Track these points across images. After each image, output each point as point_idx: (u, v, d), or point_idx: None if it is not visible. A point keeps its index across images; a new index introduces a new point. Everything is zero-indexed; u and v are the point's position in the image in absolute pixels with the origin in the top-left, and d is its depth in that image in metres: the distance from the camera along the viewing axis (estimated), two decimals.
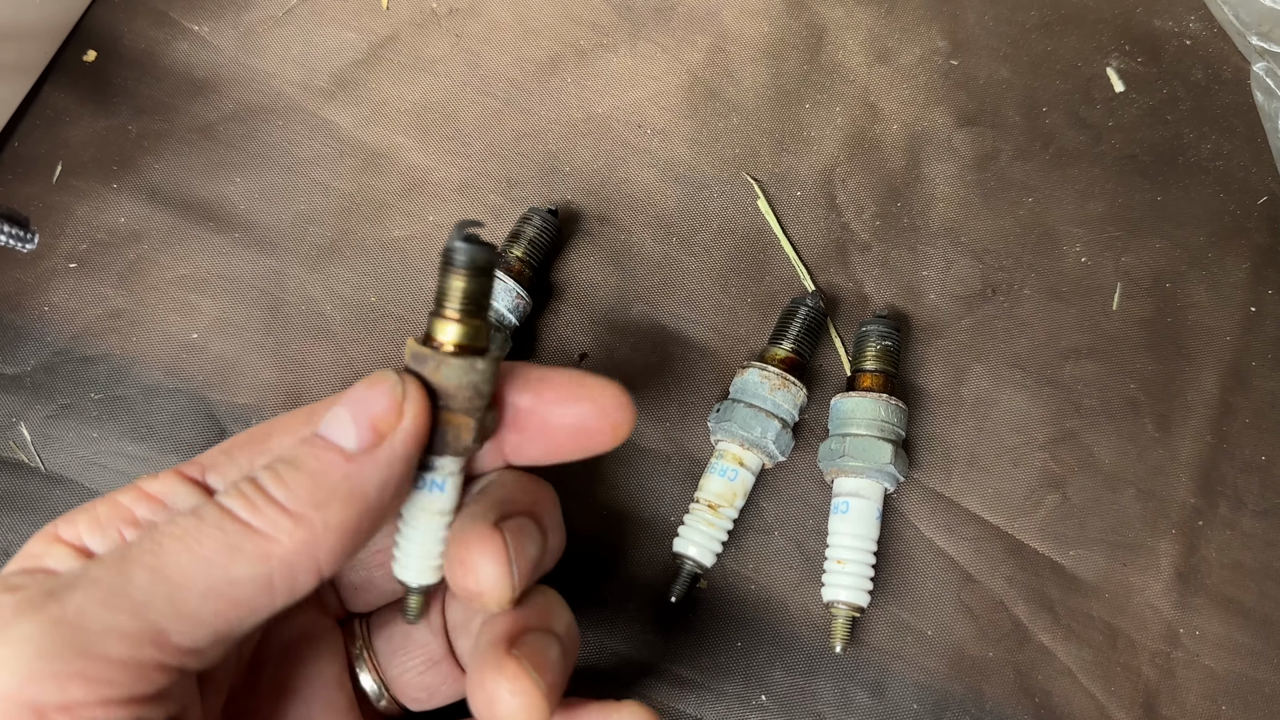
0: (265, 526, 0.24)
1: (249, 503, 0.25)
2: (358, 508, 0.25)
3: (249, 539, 0.24)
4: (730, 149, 0.47)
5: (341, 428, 0.26)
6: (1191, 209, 0.46)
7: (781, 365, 0.41)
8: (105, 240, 0.44)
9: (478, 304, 0.27)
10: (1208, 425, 0.43)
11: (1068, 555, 0.41)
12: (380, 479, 0.26)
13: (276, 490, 0.25)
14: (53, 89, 0.47)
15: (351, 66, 0.48)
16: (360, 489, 0.25)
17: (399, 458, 0.26)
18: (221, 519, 0.24)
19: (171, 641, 0.23)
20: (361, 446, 0.26)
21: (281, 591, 0.25)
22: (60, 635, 0.22)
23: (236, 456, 0.28)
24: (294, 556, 0.24)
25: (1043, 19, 0.49)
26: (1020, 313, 0.44)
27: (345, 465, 0.25)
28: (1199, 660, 0.40)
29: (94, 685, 0.22)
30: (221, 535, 0.24)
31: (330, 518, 0.25)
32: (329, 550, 0.25)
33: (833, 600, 0.39)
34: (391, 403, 0.26)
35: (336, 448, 0.26)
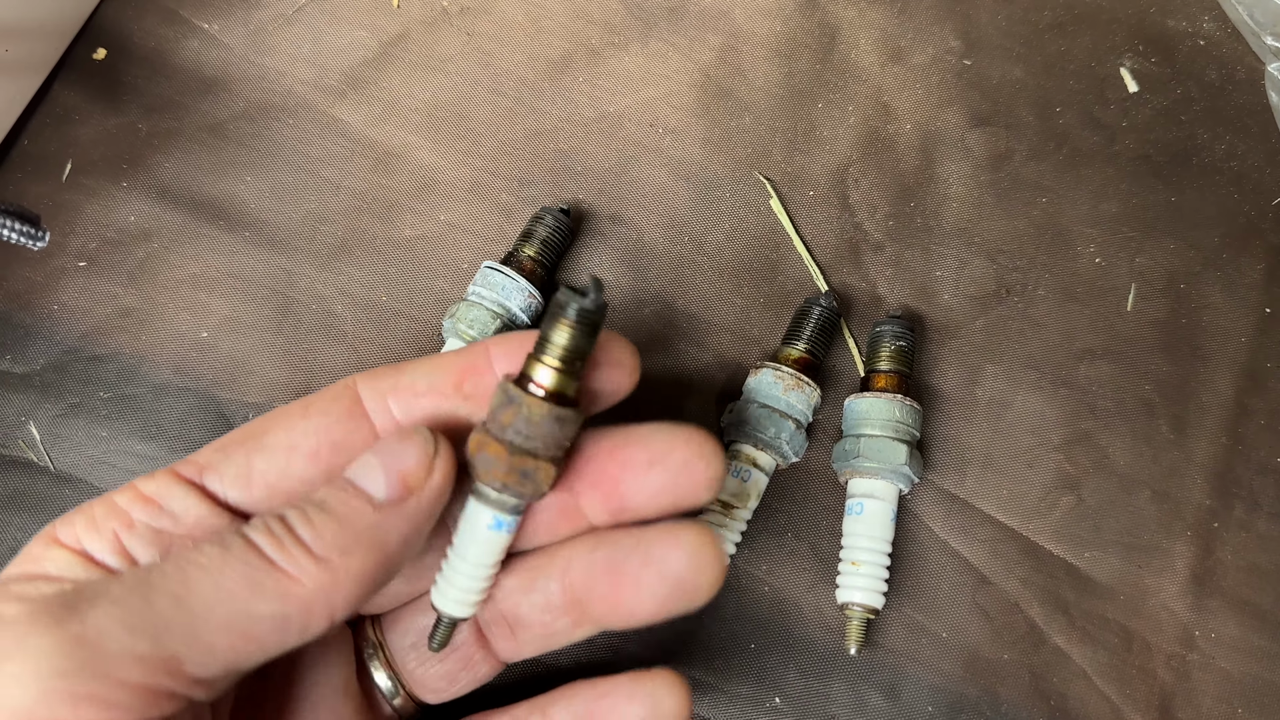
0: (289, 566, 0.25)
1: (276, 541, 0.25)
2: (378, 557, 0.26)
3: (272, 577, 0.24)
4: (743, 148, 0.47)
5: (372, 476, 0.26)
6: (1206, 210, 0.46)
7: (795, 365, 0.41)
8: (115, 239, 0.44)
9: (578, 358, 0.27)
10: (1223, 427, 0.43)
11: (1083, 557, 0.41)
12: (403, 532, 0.26)
13: (304, 531, 0.25)
14: (62, 87, 0.47)
15: (362, 65, 0.47)
16: (383, 539, 0.26)
17: (423, 513, 0.26)
18: (247, 554, 0.24)
19: (185, 670, 0.23)
20: (390, 498, 0.26)
21: (295, 631, 0.25)
22: (78, 654, 0.22)
23: (232, 454, 0.28)
24: (313, 598, 0.25)
25: (1056, 19, 0.49)
26: (1034, 313, 0.44)
27: (372, 515, 0.26)
28: (1215, 663, 0.40)
29: (106, 708, 0.22)
30: (246, 570, 0.24)
31: (353, 564, 0.25)
32: (346, 596, 0.25)
33: (847, 602, 0.39)
34: (423, 458, 0.26)
35: (365, 495, 0.26)
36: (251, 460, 0.28)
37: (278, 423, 0.29)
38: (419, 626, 0.34)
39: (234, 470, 0.28)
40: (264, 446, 0.28)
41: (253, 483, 0.28)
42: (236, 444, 0.28)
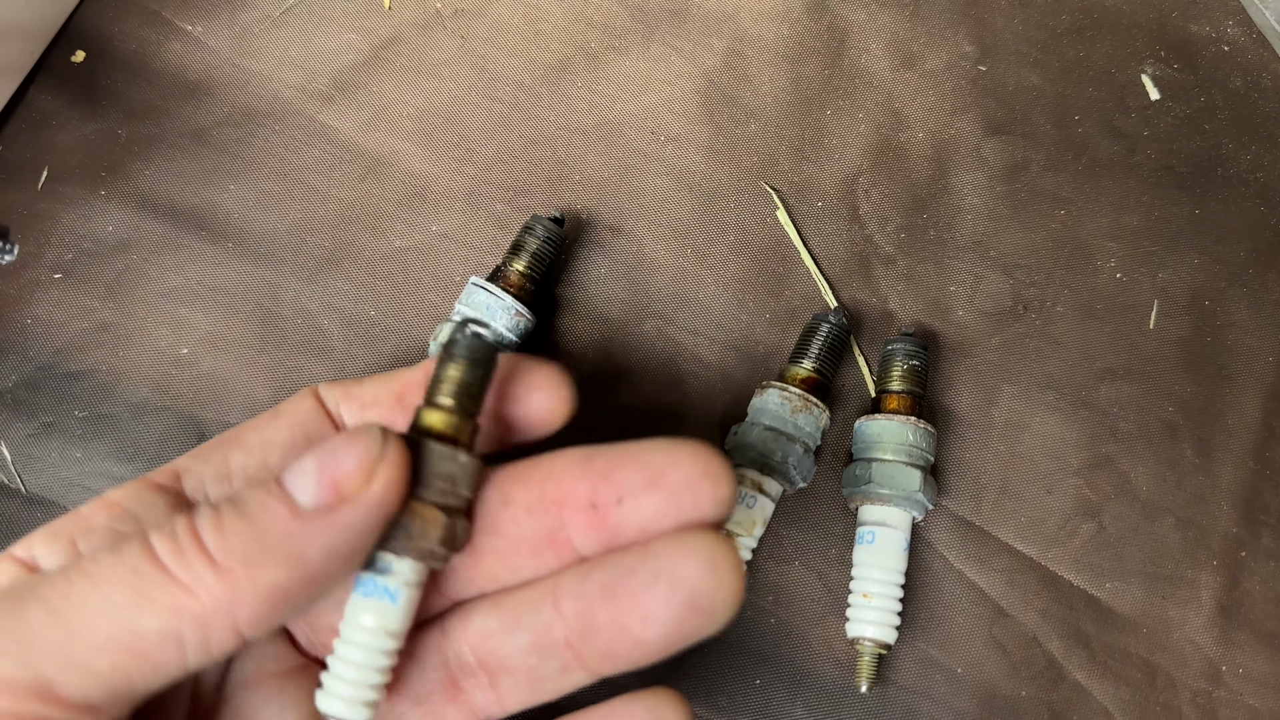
0: (184, 575, 0.22)
1: (174, 546, 0.22)
2: (293, 572, 0.22)
3: (162, 588, 0.22)
4: (748, 157, 0.45)
5: (302, 478, 0.23)
6: (1231, 223, 0.44)
7: (803, 386, 0.39)
8: (92, 250, 0.42)
9: (471, 398, 0.25)
10: (1250, 451, 0.41)
11: (1104, 588, 0.39)
12: (327, 545, 0.23)
13: (209, 534, 0.22)
14: (39, 91, 0.45)
15: (351, 69, 0.46)
16: (301, 552, 0.22)
17: (354, 526, 0.23)
18: (141, 560, 0.22)
19: (59, 694, 0.21)
20: (317, 505, 0.23)
21: (194, 650, 0.22)
22: None
23: (209, 458, 0.27)
24: (209, 614, 0.22)
25: (1074, 23, 0.47)
26: (1053, 331, 0.42)
27: (289, 522, 0.22)
28: (1242, 699, 0.38)
29: None
30: (134, 579, 0.22)
31: (259, 577, 0.22)
32: (251, 613, 0.22)
33: (858, 636, 0.37)
34: (362, 462, 0.23)
35: (288, 499, 0.23)
36: (229, 458, 0.27)
37: (250, 427, 0.28)
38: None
39: (212, 470, 0.27)
40: (240, 445, 0.27)
41: (233, 478, 0.27)
42: (214, 448, 0.28)
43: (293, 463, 0.24)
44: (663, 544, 0.25)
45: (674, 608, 0.24)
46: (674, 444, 0.25)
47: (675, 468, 0.25)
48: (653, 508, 0.25)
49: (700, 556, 0.24)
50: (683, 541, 0.24)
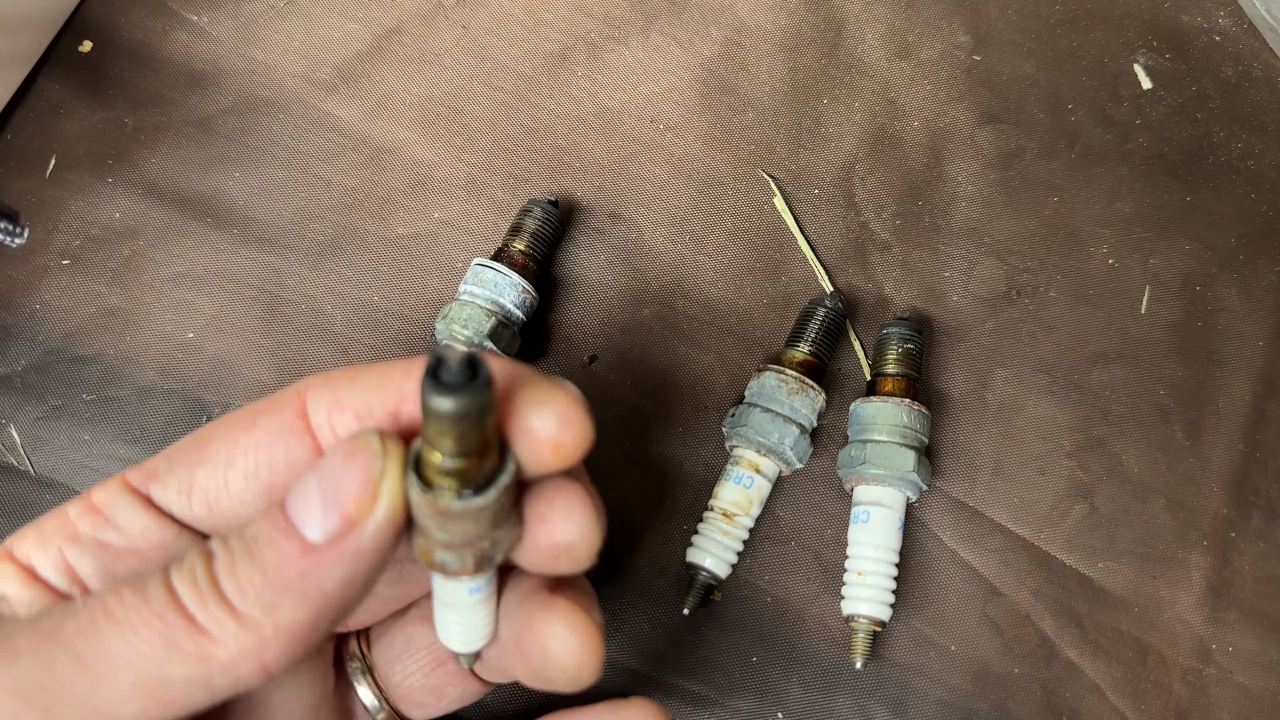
0: (209, 624, 0.22)
1: (197, 592, 0.22)
2: (314, 609, 0.22)
3: (190, 637, 0.22)
4: (745, 145, 0.45)
5: (307, 509, 0.23)
6: (1221, 210, 0.45)
7: (799, 368, 0.40)
8: (99, 236, 0.43)
9: (474, 446, 0.22)
10: (1240, 433, 0.42)
11: (1096, 567, 0.40)
12: (344, 575, 0.22)
13: (227, 582, 0.22)
14: (47, 80, 0.45)
15: (355, 58, 0.46)
16: (318, 588, 0.22)
17: (368, 551, 0.23)
18: (166, 607, 0.22)
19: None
20: (327, 537, 0.22)
21: (221, 691, 0.22)
22: None
23: (177, 464, 0.26)
24: (235, 660, 0.22)
25: (1068, 13, 0.48)
26: (1046, 316, 0.43)
27: (302, 560, 0.22)
28: (1232, 678, 0.39)
29: None
30: (161, 627, 0.22)
31: (281, 620, 0.22)
32: (277, 655, 0.22)
33: (853, 614, 0.37)
34: (365, 482, 0.22)
35: (297, 536, 0.22)
36: (194, 473, 0.26)
37: (221, 432, 0.26)
38: (405, 636, 0.32)
39: (176, 482, 0.26)
40: (205, 459, 0.26)
41: (193, 497, 0.26)
42: (183, 452, 0.26)
43: (296, 488, 0.23)
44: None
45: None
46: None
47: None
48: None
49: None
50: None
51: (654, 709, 0.29)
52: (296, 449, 0.26)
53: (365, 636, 0.33)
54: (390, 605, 0.32)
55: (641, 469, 0.41)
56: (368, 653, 0.33)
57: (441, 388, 0.20)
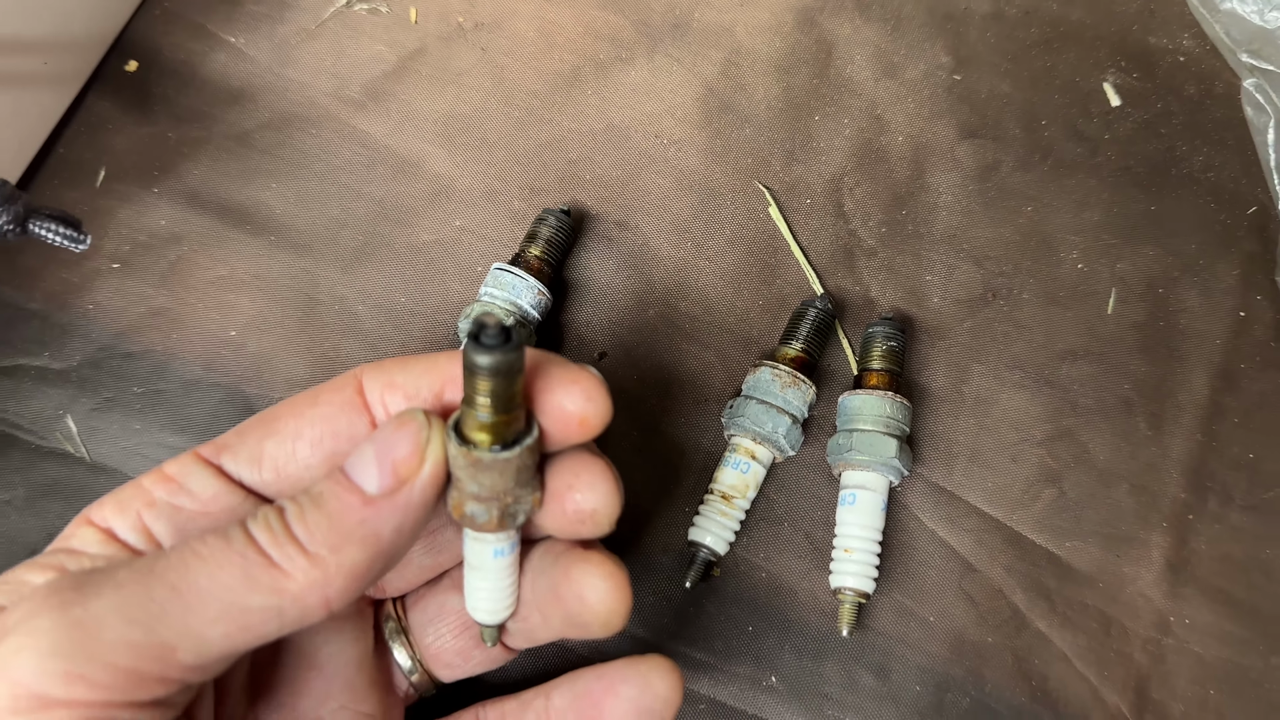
0: (282, 561, 0.25)
1: (273, 536, 0.26)
2: (371, 551, 0.26)
3: (266, 571, 0.25)
4: (743, 159, 0.49)
5: (365, 468, 0.27)
6: (1184, 218, 0.48)
7: (792, 364, 0.43)
8: (146, 242, 0.46)
9: (507, 402, 0.26)
10: (1198, 424, 0.45)
11: (1064, 547, 0.43)
12: (396, 523, 0.27)
13: (298, 527, 0.26)
14: (96, 97, 0.49)
15: (381, 78, 0.50)
16: (375, 533, 0.26)
17: (416, 504, 0.27)
18: (246, 547, 0.26)
19: (177, 658, 0.25)
20: (382, 490, 0.26)
21: (291, 621, 0.26)
22: (74, 637, 0.24)
23: (247, 437, 0.30)
24: (305, 593, 0.26)
25: (1042, 36, 0.52)
26: (1019, 316, 0.46)
27: (362, 509, 0.26)
28: (1189, 647, 0.42)
29: (97, 688, 0.24)
30: (242, 563, 0.25)
31: (344, 559, 0.26)
32: (339, 589, 0.26)
33: (840, 586, 0.41)
34: (414, 447, 0.27)
35: (357, 490, 0.26)
36: (263, 445, 0.30)
37: (289, 410, 0.30)
38: (438, 602, 0.36)
39: (247, 453, 0.30)
40: (274, 432, 0.30)
41: (263, 465, 0.30)
42: (252, 428, 0.30)
43: (354, 454, 0.27)
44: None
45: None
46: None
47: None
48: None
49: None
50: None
51: (667, 663, 0.32)
52: (355, 422, 0.30)
53: (401, 603, 0.36)
54: (425, 574, 0.36)
55: (647, 457, 0.44)
56: (403, 617, 0.36)
57: (481, 347, 0.24)
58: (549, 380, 0.28)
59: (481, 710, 0.36)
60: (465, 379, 0.26)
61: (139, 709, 0.25)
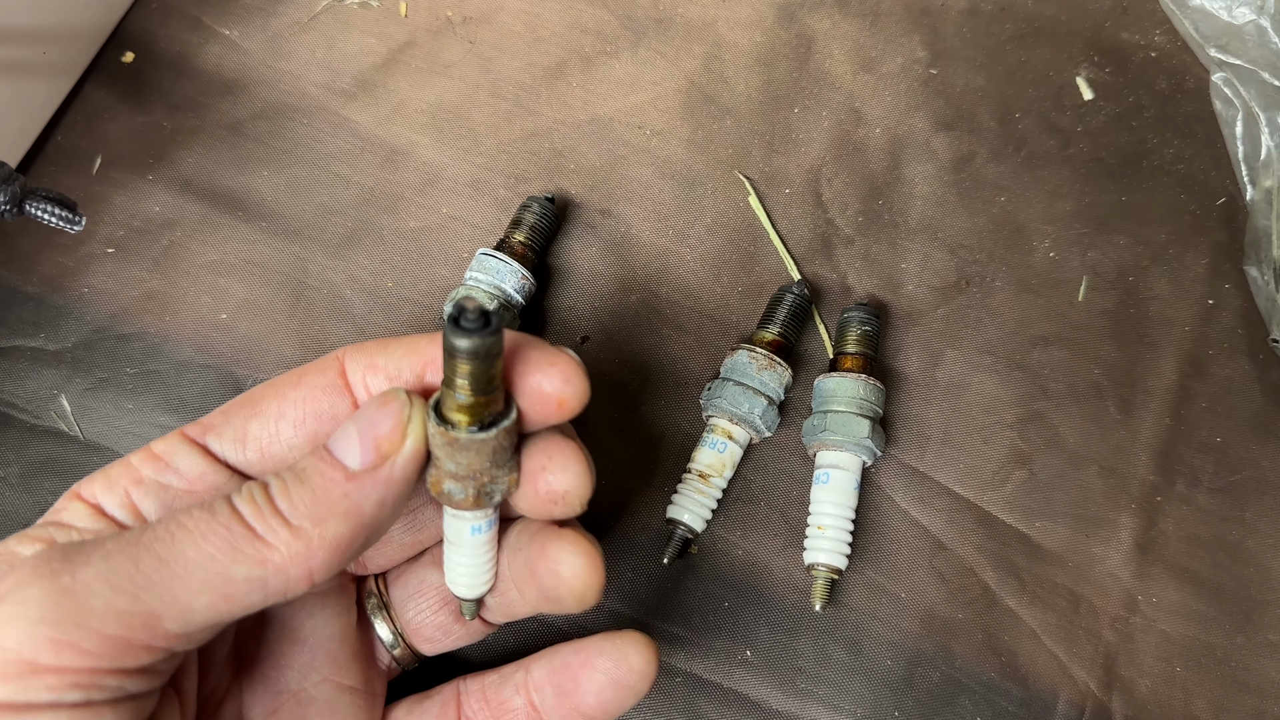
0: (266, 534, 0.26)
1: (257, 509, 0.27)
2: (353, 524, 0.27)
3: (250, 543, 0.26)
4: (724, 149, 0.50)
5: (348, 445, 0.27)
6: (1154, 208, 0.50)
7: (768, 347, 0.44)
8: (141, 227, 0.48)
9: (485, 384, 0.26)
10: (1167, 409, 0.46)
11: (1034, 526, 0.44)
12: (378, 498, 0.27)
13: (281, 501, 0.27)
14: (93, 87, 0.50)
15: (372, 70, 0.51)
16: (357, 507, 0.27)
17: (397, 479, 0.27)
18: (231, 520, 0.26)
19: (163, 626, 0.25)
20: (364, 465, 0.27)
21: (274, 593, 0.27)
22: (63, 605, 0.24)
23: (232, 418, 0.31)
24: (288, 565, 0.26)
25: (1017, 31, 0.53)
26: (992, 303, 0.48)
27: (345, 484, 0.27)
28: (1155, 625, 0.43)
29: (85, 655, 0.24)
30: (227, 535, 0.26)
31: (326, 532, 0.26)
32: (322, 562, 0.27)
33: (813, 562, 0.42)
34: (396, 424, 0.27)
35: (340, 465, 0.27)
36: (247, 425, 0.30)
37: (272, 391, 0.31)
38: (418, 578, 0.37)
39: (232, 433, 0.30)
40: (258, 413, 0.30)
41: (247, 445, 0.30)
42: (238, 408, 0.31)
43: (337, 432, 0.28)
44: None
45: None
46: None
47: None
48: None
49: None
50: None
51: (642, 638, 0.33)
52: (337, 403, 0.31)
53: (383, 579, 0.37)
54: (405, 551, 0.37)
55: (628, 438, 0.45)
56: (385, 593, 0.37)
57: (460, 330, 0.25)
58: (527, 362, 0.29)
59: (463, 684, 0.37)
60: (445, 361, 0.26)
61: (126, 676, 0.25)
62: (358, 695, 0.35)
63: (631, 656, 0.33)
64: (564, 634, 0.42)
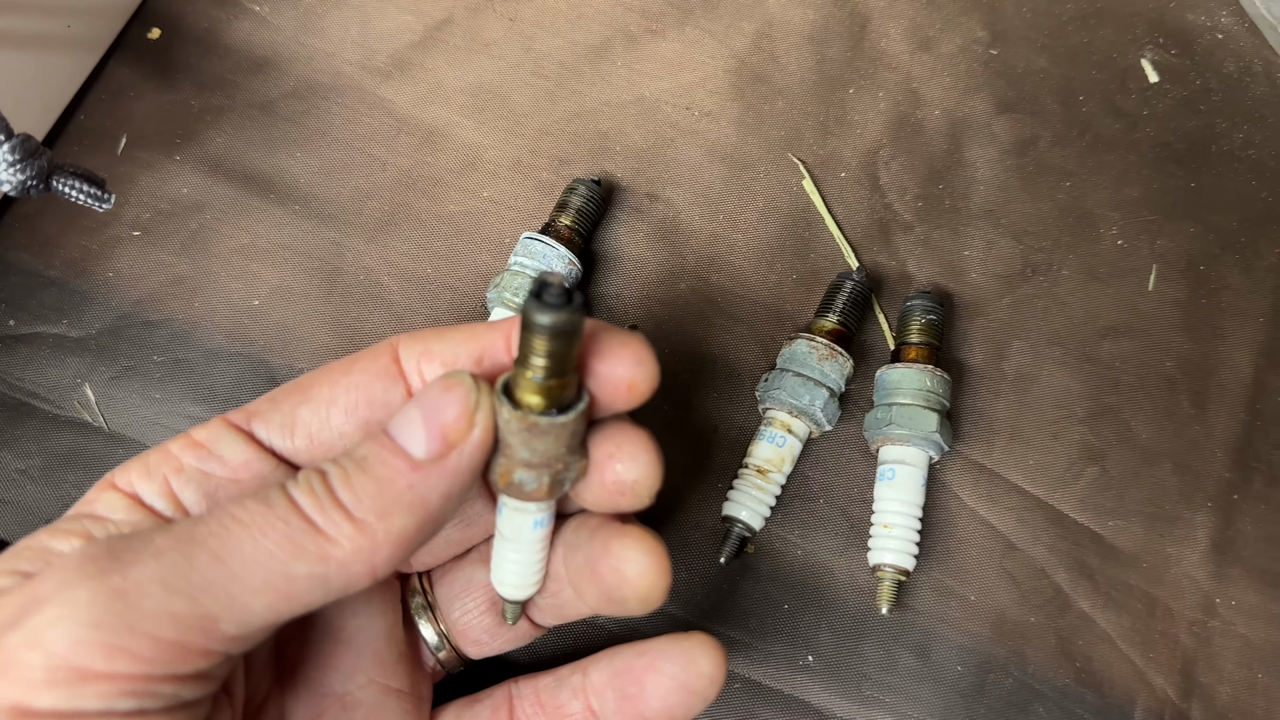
0: (328, 528, 0.24)
1: (317, 501, 0.25)
2: (419, 518, 0.25)
3: (312, 538, 0.24)
4: (776, 131, 0.48)
5: (412, 432, 0.26)
6: (1224, 195, 0.48)
7: (828, 337, 0.42)
8: (168, 210, 0.45)
9: (564, 365, 0.25)
10: (1242, 403, 0.44)
11: (1106, 526, 0.42)
12: (445, 489, 0.25)
13: (343, 493, 0.25)
14: (118, 64, 0.48)
15: (408, 48, 0.49)
16: (423, 499, 0.25)
17: (465, 469, 0.26)
18: (289, 513, 0.24)
19: (219, 629, 0.23)
20: (430, 455, 0.25)
21: (335, 590, 0.25)
22: (115, 608, 0.22)
23: (281, 404, 0.29)
24: (351, 560, 0.24)
25: (1079, 11, 0.51)
26: (1059, 292, 0.46)
27: (411, 475, 0.25)
28: (1235, 629, 0.41)
29: (139, 661, 0.23)
30: (286, 530, 0.24)
31: (392, 527, 0.25)
32: (386, 558, 0.25)
33: (879, 563, 0.40)
34: (463, 410, 0.26)
35: (404, 454, 0.25)
36: (296, 411, 0.29)
37: (323, 377, 0.29)
38: (465, 577, 0.35)
39: (279, 419, 0.29)
40: (308, 399, 0.29)
41: (295, 432, 0.29)
42: (286, 395, 0.29)
43: (398, 417, 0.26)
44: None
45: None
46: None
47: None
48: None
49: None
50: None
51: (711, 641, 0.31)
52: (391, 390, 0.29)
53: (428, 578, 0.35)
54: (453, 548, 0.35)
55: (679, 432, 0.43)
56: (430, 591, 0.35)
57: (544, 305, 0.23)
58: (597, 344, 0.27)
59: (514, 686, 0.35)
60: (522, 338, 0.24)
61: (180, 682, 0.23)
62: (404, 698, 0.33)
63: (700, 660, 0.31)
64: (615, 636, 0.40)
